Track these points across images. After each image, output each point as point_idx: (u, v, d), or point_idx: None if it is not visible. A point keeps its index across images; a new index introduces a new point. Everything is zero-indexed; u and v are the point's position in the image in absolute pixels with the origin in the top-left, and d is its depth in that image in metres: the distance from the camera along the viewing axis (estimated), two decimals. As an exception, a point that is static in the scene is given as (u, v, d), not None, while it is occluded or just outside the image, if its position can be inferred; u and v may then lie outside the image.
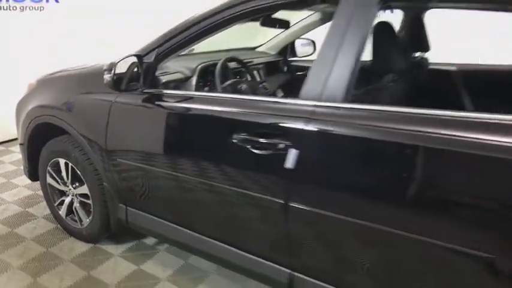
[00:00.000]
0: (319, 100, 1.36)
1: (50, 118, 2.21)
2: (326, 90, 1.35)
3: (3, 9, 3.68)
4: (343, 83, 1.33)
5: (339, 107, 1.32)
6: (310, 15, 2.65)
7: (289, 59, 3.05)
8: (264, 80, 2.65)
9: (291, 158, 1.37)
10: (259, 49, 3.11)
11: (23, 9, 3.79)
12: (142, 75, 1.79)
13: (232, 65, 2.40)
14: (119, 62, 1.67)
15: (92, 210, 2.24)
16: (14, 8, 3.73)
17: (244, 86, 2.10)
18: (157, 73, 1.94)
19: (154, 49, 1.79)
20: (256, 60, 2.71)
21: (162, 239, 2.21)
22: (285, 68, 2.98)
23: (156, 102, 1.79)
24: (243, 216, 1.64)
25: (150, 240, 2.45)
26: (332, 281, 1.46)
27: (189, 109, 1.72)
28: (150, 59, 1.81)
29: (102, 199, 2.14)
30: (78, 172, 2.21)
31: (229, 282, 2.09)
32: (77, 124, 2.07)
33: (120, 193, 2.06)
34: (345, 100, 1.33)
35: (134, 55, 1.74)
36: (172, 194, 1.87)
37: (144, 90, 1.82)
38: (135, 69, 1.79)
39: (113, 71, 1.66)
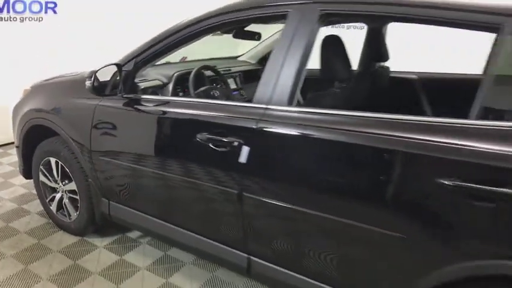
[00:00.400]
0: (268, 104, 1.57)
1: (42, 120, 2.42)
2: (274, 95, 1.56)
3: (5, 20, 3.93)
4: (288, 89, 1.53)
5: (285, 110, 1.53)
6: (277, 32, 2.87)
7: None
8: (240, 87, 2.86)
9: (244, 154, 1.58)
10: (241, 58, 3.33)
11: (22, 20, 4.04)
12: (122, 82, 2.01)
13: (209, 73, 2.62)
14: (98, 70, 1.89)
15: (79, 205, 2.45)
16: (15, 19, 3.98)
17: (216, 93, 2.32)
18: (137, 80, 2.16)
19: (133, 58, 2.01)
20: (234, 69, 2.93)
21: (140, 229, 2.40)
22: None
23: (134, 106, 2.00)
24: (207, 207, 1.84)
25: (133, 234, 2.64)
26: (283, 263, 1.66)
27: (162, 112, 1.93)
28: (129, 67, 2.03)
29: (88, 195, 2.35)
30: (67, 170, 2.42)
31: (202, 271, 2.28)
32: (65, 126, 2.29)
33: (103, 189, 2.26)
34: (290, 104, 1.53)
35: (114, 64, 1.96)
36: (147, 189, 2.08)
37: (124, 95, 2.03)
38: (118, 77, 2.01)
39: (92, 78, 1.88)
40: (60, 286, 2.13)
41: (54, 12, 4.25)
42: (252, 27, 2.46)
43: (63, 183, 2.51)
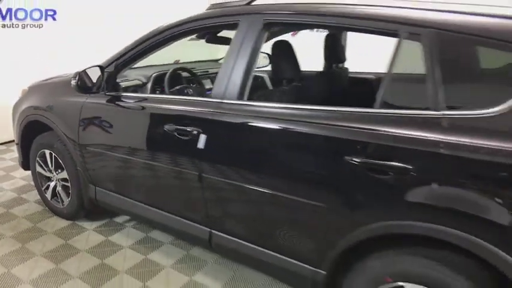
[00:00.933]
0: (222, 98, 1.86)
1: (38, 117, 2.74)
2: (227, 91, 1.85)
3: (7, 26, 4.27)
4: (238, 86, 1.82)
5: (235, 103, 1.82)
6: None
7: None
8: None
9: (202, 141, 1.87)
10: (221, 61, 3.62)
11: (24, 27, 4.38)
12: (104, 81, 2.31)
13: (186, 74, 2.92)
14: (83, 70, 2.20)
15: (70, 191, 2.75)
16: (17, 26, 4.32)
17: (190, 91, 2.61)
18: (119, 80, 2.46)
19: (114, 61, 2.32)
20: (212, 70, 3.23)
21: (121, 211, 2.68)
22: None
23: (116, 102, 2.30)
24: (174, 188, 2.13)
25: (119, 219, 2.94)
26: (236, 234, 1.94)
27: (140, 107, 2.23)
28: (111, 69, 2.33)
29: (78, 182, 2.65)
30: (60, 160, 2.73)
31: (177, 250, 2.57)
32: (57, 121, 2.59)
33: (90, 176, 2.56)
34: (240, 99, 1.82)
35: (97, 66, 2.26)
36: (125, 174, 2.38)
37: (107, 93, 2.34)
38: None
39: (77, 78, 2.19)
40: (52, 260, 2.43)
41: (54, 19, 4.59)
42: (225, 33, 2.76)
43: (57, 172, 2.82)
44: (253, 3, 1.94)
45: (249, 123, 1.78)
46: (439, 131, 1.36)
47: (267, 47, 3.46)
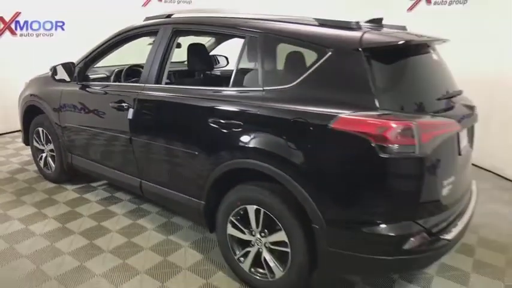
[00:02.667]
0: (145, 83, 2.64)
1: (34, 102, 3.61)
2: (148, 77, 2.63)
3: (24, 35, 5.25)
4: (156, 74, 2.60)
5: (153, 87, 2.60)
6: (210, 39, 3.92)
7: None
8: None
9: (130, 113, 2.66)
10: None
11: (38, 36, 5.35)
12: (77, 74, 3.13)
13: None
14: (57, 65, 3.04)
15: (55, 159, 3.59)
16: (31, 35, 5.30)
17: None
18: (90, 73, 3.27)
19: (83, 59, 3.15)
20: (172, 69, 4.01)
21: (86, 171, 3.44)
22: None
23: (86, 89, 3.12)
24: (117, 149, 2.93)
25: (95, 184, 3.76)
26: (154, 180, 2.70)
27: (100, 92, 3.03)
28: (81, 65, 3.16)
29: (60, 151, 3.49)
30: (49, 136, 3.58)
31: (129, 204, 3.35)
32: (45, 105, 3.45)
33: (67, 145, 3.39)
34: (157, 83, 2.59)
35: (70, 62, 3.09)
36: (87, 142, 3.21)
37: (78, 83, 3.16)
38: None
39: (52, 70, 3.03)
40: (36, 207, 3.27)
41: (62, 29, 5.55)
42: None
43: (47, 145, 3.67)
44: (172, 17, 2.72)
45: (158, 99, 2.56)
46: (260, 100, 2.08)
47: (224, 50, 4.28)
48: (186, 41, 3.13)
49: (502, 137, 4.23)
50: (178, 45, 3.54)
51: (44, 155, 3.75)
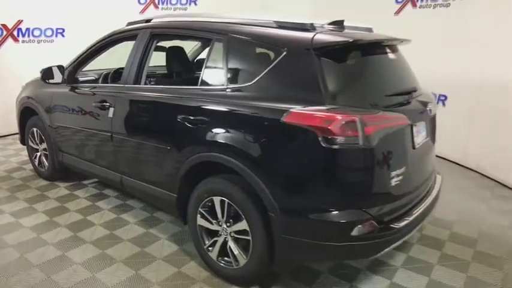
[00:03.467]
0: (125, 83, 2.81)
1: (28, 103, 3.81)
2: (128, 78, 2.80)
3: (26, 42, 5.50)
4: (134, 75, 2.76)
5: (132, 87, 2.76)
6: (196, 44, 4.08)
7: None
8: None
9: (111, 112, 2.82)
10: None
11: (39, 42, 5.60)
12: (66, 77, 3.32)
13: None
14: (46, 68, 3.23)
15: (48, 158, 3.78)
16: (33, 41, 5.55)
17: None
18: (79, 76, 3.46)
19: (72, 63, 3.34)
20: (158, 72, 4.17)
21: (75, 168, 3.60)
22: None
23: (74, 91, 3.30)
24: (100, 146, 3.09)
25: (86, 181, 3.93)
26: (133, 175, 2.86)
27: (86, 93, 3.21)
28: (71, 68, 3.35)
29: (52, 150, 3.68)
30: (42, 136, 3.77)
31: (114, 200, 3.51)
32: (38, 106, 3.65)
33: (58, 144, 3.58)
34: (135, 83, 2.76)
35: (60, 65, 3.29)
36: (75, 140, 3.38)
37: (68, 85, 3.35)
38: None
39: (42, 72, 3.22)
40: (27, 202, 3.46)
41: (63, 36, 5.79)
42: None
43: (41, 144, 3.86)
44: (151, 22, 2.89)
45: (135, 98, 2.73)
46: (223, 97, 2.22)
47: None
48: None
49: (487, 137, 4.29)
50: (162, 48, 3.74)
51: (38, 154, 3.94)
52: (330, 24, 2.39)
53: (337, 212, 1.92)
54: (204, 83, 2.39)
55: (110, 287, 2.35)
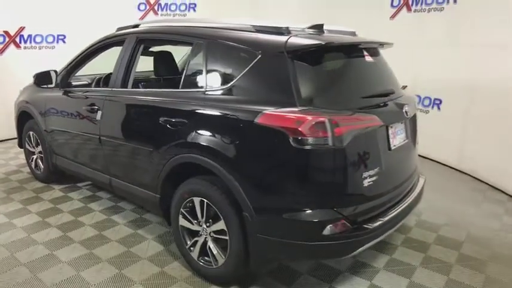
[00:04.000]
0: (113, 87, 2.88)
1: (25, 107, 3.92)
2: (115, 82, 2.87)
3: (28, 48, 5.65)
4: (121, 79, 2.84)
5: (119, 90, 2.83)
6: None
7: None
8: None
9: (99, 115, 2.90)
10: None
11: (40, 48, 5.74)
12: (60, 81, 3.41)
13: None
14: (39, 73, 3.32)
15: (43, 160, 3.87)
16: (35, 47, 5.69)
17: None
18: (73, 80, 3.55)
19: (65, 68, 3.43)
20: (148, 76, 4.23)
21: (66, 170, 3.68)
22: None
23: (66, 95, 3.39)
24: (89, 149, 3.16)
25: (81, 184, 4.01)
26: (120, 177, 2.92)
27: (77, 97, 3.30)
28: (64, 72, 3.44)
29: (46, 153, 3.77)
30: (38, 139, 3.87)
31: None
32: (33, 110, 3.75)
33: (52, 147, 3.67)
34: (122, 87, 2.83)
35: (53, 70, 3.38)
36: (66, 142, 3.46)
37: (61, 89, 3.44)
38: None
39: (35, 77, 3.32)
40: (22, 204, 3.54)
41: (64, 42, 5.92)
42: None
43: (37, 147, 3.96)
44: (139, 27, 2.97)
45: (120, 101, 2.81)
46: (202, 99, 2.28)
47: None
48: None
49: (481, 141, 4.28)
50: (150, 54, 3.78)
51: (34, 156, 4.04)
52: (309, 28, 2.44)
53: (308, 211, 1.95)
54: (185, 85, 2.45)
55: (93, 285, 2.41)
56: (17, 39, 5.56)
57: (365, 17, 5.61)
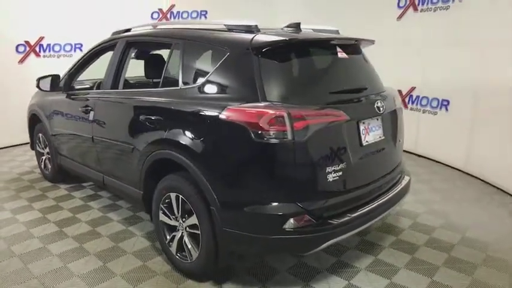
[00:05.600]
0: (104, 88, 3.02)
1: (34, 111, 4.15)
2: (106, 84, 3.01)
3: (47, 57, 5.99)
4: (111, 81, 2.97)
5: (109, 92, 2.97)
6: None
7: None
8: None
9: (91, 115, 3.04)
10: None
11: (59, 57, 6.07)
12: (63, 85, 3.60)
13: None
14: (42, 77, 3.52)
15: (51, 161, 4.08)
16: (53, 56, 6.03)
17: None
18: (76, 84, 3.74)
19: (68, 72, 3.62)
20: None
21: (68, 169, 3.85)
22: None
23: (67, 98, 3.57)
24: (84, 148, 3.31)
25: (86, 183, 4.19)
26: (111, 174, 3.04)
27: (76, 99, 3.46)
28: (67, 77, 3.63)
29: (53, 154, 3.97)
30: (46, 140, 4.09)
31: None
32: (41, 113, 3.97)
33: (57, 148, 3.86)
34: (114, 88, 2.96)
35: (56, 74, 3.58)
36: (67, 143, 3.63)
37: (64, 92, 3.63)
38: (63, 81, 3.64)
39: (37, 81, 3.52)
40: (29, 202, 3.74)
41: (81, 50, 6.22)
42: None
43: (45, 149, 4.18)
44: (131, 31, 3.10)
45: (109, 101, 2.94)
46: (177, 97, 2.35)
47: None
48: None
49: (489, 143, 4.11)
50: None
51: (43, 157, 4.27)
52: (287, 27, 2.47)
53: (270, 205, 1.96)
54: (164, 84, 2.54)
55: (76, 276, 2.51)
56: (37, 49, 5.91)
57: (372, 18, 5.55)
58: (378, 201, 2.30)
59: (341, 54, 2.35)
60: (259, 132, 1.89)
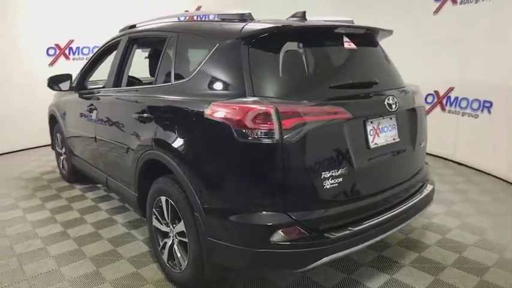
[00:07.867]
0: (107, 87, 2.93)
1: (52, 111, 4.20)
2: (109, 82, 2.92)
3: (76, 59, 6.14)
4: (113, 80, 2.87)
5: (111, 89, 2.87)
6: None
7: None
8: None
9: (95, 114, 2.96)
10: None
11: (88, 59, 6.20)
12: (75, 84, 3.58)
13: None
14: (53, 76, 3.52)
15: (67, 161, 4.09)
16: (82, 58, 6.16)
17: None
18: (89, 83, 3.71)
19: (80, 71, 3.60)
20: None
21: (80, 169, 3.81)
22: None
23: (83, 96, 3.54)
24: (90, 149, 3.24)
25: (99, 185, 4.16)
26: (113, 176, 2.93)
27: (84, 98, 3.41)
28: (79, 76, 3.61)
29: (68, 154, 3.97)
30: (63, 140, 4.11)
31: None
32: (57, 113, 3.99)
33: (71, 149, 3.85)
34: (115, 86, 2.86)
35: (66, 74, 3.56)
36: (77, 143, 3.59)
37: (76, 92, 3.61)
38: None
39: (48, 81, 3.51)
40: (43, 201, 3.75)
41: (109, 53, 6.34)
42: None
43: (62, 149, 4.21)
44: (136, 28, 3.00)
45: (109, 100, 2.83)
46: (168, 93, 2.19)
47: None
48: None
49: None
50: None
51: (61, 157, 4.30)
52: (292, 16, 2.24)
53: (256, 214, 1.73)
54: (157, 81, 2.39)
55: (66, 280, 2.41)
56: (67, 51, 6.07)
57: (405, 13, 5.15)
58: (391, 212, 1.99)
59: (348, 45, 2.07)
60: (243, 131, 1.67)
